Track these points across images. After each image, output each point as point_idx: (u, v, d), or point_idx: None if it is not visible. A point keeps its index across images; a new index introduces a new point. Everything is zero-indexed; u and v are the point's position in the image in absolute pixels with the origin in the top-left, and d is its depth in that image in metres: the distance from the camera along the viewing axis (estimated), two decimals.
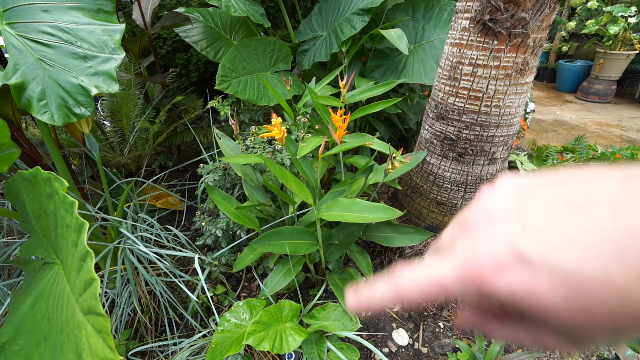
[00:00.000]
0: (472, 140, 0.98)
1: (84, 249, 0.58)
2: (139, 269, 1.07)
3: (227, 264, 1.23)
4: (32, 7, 0.86)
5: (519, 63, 0.86)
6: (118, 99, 1.68)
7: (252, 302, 0.99)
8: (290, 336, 0.87)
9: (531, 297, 0.15)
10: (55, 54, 0.84)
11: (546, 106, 3.67)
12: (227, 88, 1.37)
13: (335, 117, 0.92)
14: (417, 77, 1.37)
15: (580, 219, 0.15)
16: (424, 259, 0.21)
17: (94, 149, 1.10)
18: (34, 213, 0.75)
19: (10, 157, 0.88)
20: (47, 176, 0.68)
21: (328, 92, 1.31)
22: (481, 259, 0.16)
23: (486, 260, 0.16)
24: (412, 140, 2.07)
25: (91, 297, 0.55)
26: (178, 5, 2.17)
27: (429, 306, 1.22)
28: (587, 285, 0.14)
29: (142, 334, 1.14)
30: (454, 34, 0.93)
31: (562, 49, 4.23)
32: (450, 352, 1.12)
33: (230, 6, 1.45)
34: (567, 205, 0.15)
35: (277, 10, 2.41)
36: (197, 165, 1.98)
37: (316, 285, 1.29)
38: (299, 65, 1.67)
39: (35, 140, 1.58)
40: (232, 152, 1.21)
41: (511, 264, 0.16)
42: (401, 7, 1.56)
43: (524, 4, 0.78)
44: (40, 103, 0.81)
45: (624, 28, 3.31)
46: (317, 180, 0.98)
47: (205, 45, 1.68)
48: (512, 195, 0.17)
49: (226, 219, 1.18)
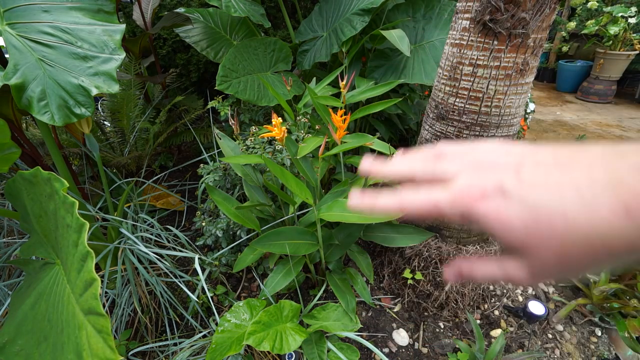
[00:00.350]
0: (472, 140, 0.98)
1: (84, 248, 0.58)
2: (139, 269, 1.07)
3: (227, 264, 1.23)
4: (32, 7, 0.86)
5: (519, 63, 0.86)
6: (118, 99, 1.68)
7: (252, 302, 0.99)
8: (290, 336, 0.87)
9: (499, 221, 0.20)
10: (55, 54, 0.84)
11: (546, 106, 3.67)
12: (227, 88, 1.37)
13: (335, 117, 0.92)
14: (417, 77, 1.37)
15: (560, 173, 0.19)
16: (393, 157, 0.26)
17: (94, 149, 1.10)
18: (34, 213, 0.75)
19: (10, 157, 0.88)
20: (47, 176, 0.68)
21: (328, 92, 1.31)
22: (473, 190, 0.21)
23: (476, 190, 0.21)
24: (412, 140, 2.07)
25: (91, 297, 0.55)
26: (178, 5, 2.17)
27: (429, 306, 1.23)
28: (544, 214, 0.18)
29: (142, 334, 1.14)
30: (454, 34, 0.93)
31: (562, 49, 4.23)
32: (450, 352, 1.12)
33: (230, 6, 1.45)
34: (555, 164, 0.19)
35: (277, 10, 2.41)
36: (197, 165, 1.98)
37: (316, 285, 1.29)
38: (299, 65, 1.67)
39: (35, 140, 1.58)
40: (232, 152, 1.21)
41: (493, 195, 0.20)
42: (401, 7, 1.56)
43: (524, 4, 0.78)
44: (40, 103, 0.81)
45: (624, 28, 3.31)
46: (317, 180, 0.98)
47: (205, 45, 1.68)
48: (517, 154, 0.21)
49: (226, 219, 1.18)
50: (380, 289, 1.33)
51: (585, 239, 0.18)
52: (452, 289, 1.17)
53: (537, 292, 1.38)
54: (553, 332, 1.22)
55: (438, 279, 1.17)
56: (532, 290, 1.39)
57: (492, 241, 1.19)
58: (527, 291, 1.38)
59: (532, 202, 0.19)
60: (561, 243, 0.18)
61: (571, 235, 0.18)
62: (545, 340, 1.19)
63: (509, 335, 1.20)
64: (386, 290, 1.33)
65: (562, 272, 0.20)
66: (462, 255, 1.12)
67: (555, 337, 1.21)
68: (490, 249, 1.15)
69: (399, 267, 1.26)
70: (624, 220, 0.17)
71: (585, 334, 1.23)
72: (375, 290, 1.33)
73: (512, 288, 1.37)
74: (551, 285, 1.41)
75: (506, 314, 1.27)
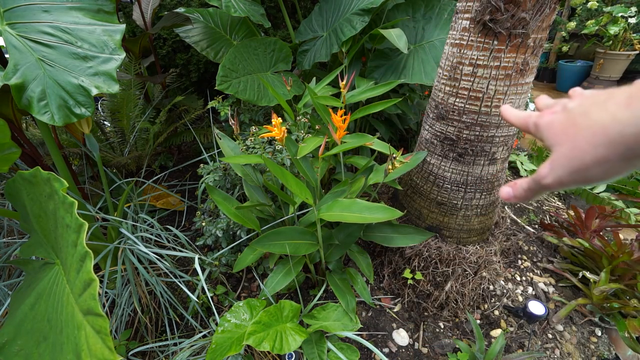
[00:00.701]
0: (472, 140, 0.98)
1: (83, 249, 0.58)
2: (139, 269, 1.07)
3: (227, 264, 1.23)
4: (32, 7, 0.86)
5: (519, 63, 0.86)
6: (118, 99, 1.68)
7: (252, 302, 0.99)
8: (290, 336, 0.87)
9: (548, 125, 0.28)
10: (56, 54, 0.84)
11: None
12: (227, 88, 1.37)
13: (335, 117, 0.92)
14: (417, 77, 1.37)
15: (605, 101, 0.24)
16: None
17: (94, 149, 1.10)
18: (33, 213, 0.75)
19: (10, 157, 0.88)
20: (47, 176, 0.68)
21: (328, 92, 1.31)
22: (549, 110, 0.29)
23: (549, 110, 0.29)
24: (412, 140, 2.07)
25: (90, 297, 0.55)
26: (178, 5, 2.17)
27: (429, 306, 1.22)
28: (574, 116, 0.26)
29: (142, 334, 1.14)
30: (454, 34, 0.93)
31: (562, 49, 4.23)
32: (450, 352, 1.12)
33: (230, 6, 1.45)
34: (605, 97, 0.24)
35: (277, 10, 2.41)
36: (197, 165, 1.98)
37: (316, 285, 1.29)
38: (299, 65, 1.67)
39: (35, 140, 1.58)
40: (232, 152, 1.20)
41: (556, 110, 0.28)
42: (401, 7, 1.56)
43: (524, 4, 0.78)
44: (40, 103, 0.81)
45: (624, 28, 3.30)
46: (317, 180, 0.98)
47: (205, 45, 1.68)
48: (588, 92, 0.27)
49: (226, 219, 1.18)
50: (380, 289, 1.33)
51: (591, 132, 0.23)
52: (452, 289, 1.17)
53: (537, 292, 1.38)
54: (553, 332, 1.22)
55: (438, 279, 1.17)
56: (532, 290, 1.39)
57: (492, 241, 1.19)
58: (527, 291, 1.38)
59: (571, 111, 0.26)
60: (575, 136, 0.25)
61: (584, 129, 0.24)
62: (545, 340, 1.19)
63: (509, 335, 1.20)
64: (386, 290, 1.33)
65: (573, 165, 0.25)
66: (462, 255, 1.12)
67: (555, 337, 1.21)
68: (490, 249, 1.15)
69: (399, 267, 1.26)
70: (624, 109, 0.22)
71: (585, 334, 1.23)
72: (375, 290, 1.33)
73: (512, 288, 1.37)
74: (551, 285, 1.41)
75: (506, 314, 1.27)
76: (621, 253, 1.28)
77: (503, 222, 1.27)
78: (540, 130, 0.29)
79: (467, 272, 1.14)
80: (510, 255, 1.53)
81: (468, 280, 1.16)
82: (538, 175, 0.29)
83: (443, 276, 1.16)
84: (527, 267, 1.49)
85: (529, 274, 1.46)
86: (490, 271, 1.25)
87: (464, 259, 1.13)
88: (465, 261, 1.13)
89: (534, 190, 0.30)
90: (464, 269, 1.13)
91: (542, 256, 1.56)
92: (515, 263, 1.51)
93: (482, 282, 1.24)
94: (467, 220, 1.11)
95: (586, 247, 1.41)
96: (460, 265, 1.13)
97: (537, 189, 0.30)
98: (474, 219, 1.11)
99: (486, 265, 1.17)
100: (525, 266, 1.50)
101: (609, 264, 1.29)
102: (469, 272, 1.14)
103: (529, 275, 1.45)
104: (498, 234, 1.22)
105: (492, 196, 1.09)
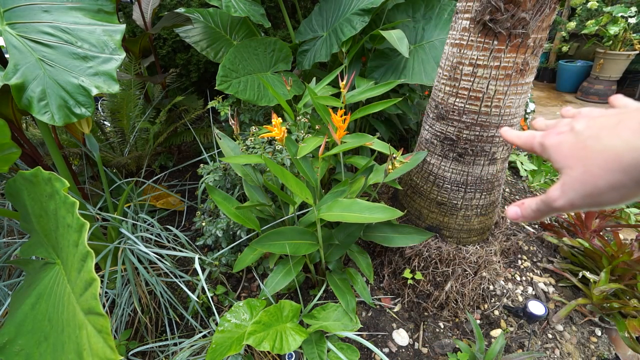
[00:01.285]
0: (472, 140, 0.98)
1: (84, 248, 0.58)
2: (139, 269, 1.07)
3: (227, 264, 1.23)
4: (32, 7, 0.86)
5: (519, 63, 0.86)
6: (118, 99, 1.68)
7: (252, 302, 0.99)
8: (290, 336, 0.87)
9: (555, 145, 0.28)
10: (56, 54, 0.84)
11: (546, 106, 3.67)
12: (227, 88, 1.37)
13: (335, 117, 0.92)
14: (417, 77, 1.37)
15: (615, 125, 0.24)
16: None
17: (94, 149, 1.10)
18: (34, 213, 0.75)
19: (11, 157, 0.88)
20: (48, 176, 0.69)
21: (328, 92, 1.31)
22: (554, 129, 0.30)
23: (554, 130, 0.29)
24: (412, 140, 2.07)
25: (91, 297, 0.55)
26: (178, 5, 2.17)
27: (429, 306, 1.23)
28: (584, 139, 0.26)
29: (142, 334, 1.14)
30: (454, 34, 0.93)
31: (562, 49, 4.23)
32: (450, 352, 1.12)
33: (230, 6, 1.45)
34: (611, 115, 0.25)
35: (277, 10, 2.41)
36: (197, 165, 1.98)
37: (316, 285, 1.29)
38: (299, 65, 1.67)
39: (35, 140, 1.58)
40: (232, 152, 1.21)
41: (563, 131, 0.28)
42: (401, 7, 1.56)
43: (524, 4, 0.78)
44: (41, 103, 0.81)
45: (624, 28, 3.31)
46: (317, 180, 0.98)
47: (205, 45, 1.68)
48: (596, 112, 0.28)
49: (226, 219, 1.18)
50: (380, 289, 1.33)
51: (604, 157, 0.23)
52: (452, 289, 1.17)
53: (537, 292, 1.38)
54: (553, 332, 1.22)
55: (438, 279, 1.17)
56: (532, 290, 1.39)
57: (492, 241, 1.19)
58: (527, 291, 1.38)
59: (580, 133, 0.26)
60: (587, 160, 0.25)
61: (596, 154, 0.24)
62: (545, 340, 1.20)
63: (509, 335, 1.20)
64: (386, 290, 1.33)
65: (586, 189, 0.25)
66: (462, 255, 1.12)
67: (555, 337, 1.21)
68: (490, 249, 1.15)
69: (399, 267, 1.26)
70: (638, 137, 0.22)
71: (585, 334, 1.23)
72: (375, 290, 1.33)
73: (512, 288, 1.37)
74: (551, 286, 1.41)
75: (506, 314, 1.27)
76: (621, 253, 1.28)
77: (503, 222, 1.27)
78: (548, 151, 0.29)
79: (467, 272, 1.14)
80: (510, 255, 1.53)
81: (468, 280, 1.16)
82: (548, 197, 0.28)
83: (443, 276, 1.16)
84: (527, 267, 1.49)
85: (529, 274, 1.46)
86: (490, 271, 1.25)
87: (464, 259, 1.13)
88: (465, 261, 1.13)
89: (543, 211, 0.30)
90: (464, 269, 1.14)
91: (542, 256, 1.56)
92: (515, 263, 1.51)
93: (482, 282, 1.24)
94: (467, 220, 1.11)
95: (586, 247, 1.41)
96: (460, 265, 1.13)
97: (546, 210, 0.29)
98: (474, 219, 1.11)
99: (486, 265, 1.17)
100: (525, 266, 1.50)
101: (609, 264, 1.29)
102: (469, 272, 1.14)
103: (529, 275, 1.45)
104: (498, 234, 1.22)
105: (492, 196, 1.09)
